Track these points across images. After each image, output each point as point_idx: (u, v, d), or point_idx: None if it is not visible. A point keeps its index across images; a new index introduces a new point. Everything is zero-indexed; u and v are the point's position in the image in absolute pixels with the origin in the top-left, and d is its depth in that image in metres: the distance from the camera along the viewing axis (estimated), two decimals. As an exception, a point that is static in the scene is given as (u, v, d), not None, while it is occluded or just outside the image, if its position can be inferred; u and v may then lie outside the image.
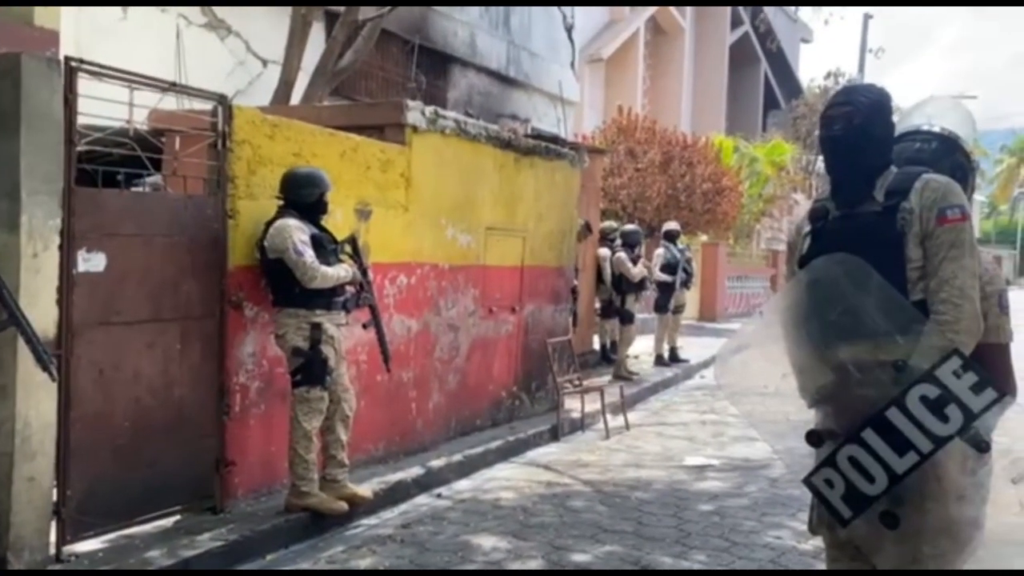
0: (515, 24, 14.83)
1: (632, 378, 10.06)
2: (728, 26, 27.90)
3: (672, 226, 11.94)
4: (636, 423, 8.29)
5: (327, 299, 4.80)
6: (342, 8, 8.74)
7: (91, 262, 4.10)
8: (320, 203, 4.89)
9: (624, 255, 10.38)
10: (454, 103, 13.05)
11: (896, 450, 2.27)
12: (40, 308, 3.80)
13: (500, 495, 5.80)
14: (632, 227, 11.26)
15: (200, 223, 4.67)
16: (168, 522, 4.53)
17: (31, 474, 3.81)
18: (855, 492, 2.34)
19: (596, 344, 11.36)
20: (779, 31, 27.53)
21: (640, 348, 10.81)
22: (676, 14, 25.54)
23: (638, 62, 24.22)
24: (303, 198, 4.83)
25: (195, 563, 4.17)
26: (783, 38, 28.68)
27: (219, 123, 4.71)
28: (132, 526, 4.35)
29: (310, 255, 4.66)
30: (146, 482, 4.38)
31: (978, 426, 2.23)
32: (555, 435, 7.58)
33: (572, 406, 8.04)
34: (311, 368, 4.75)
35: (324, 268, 4.71)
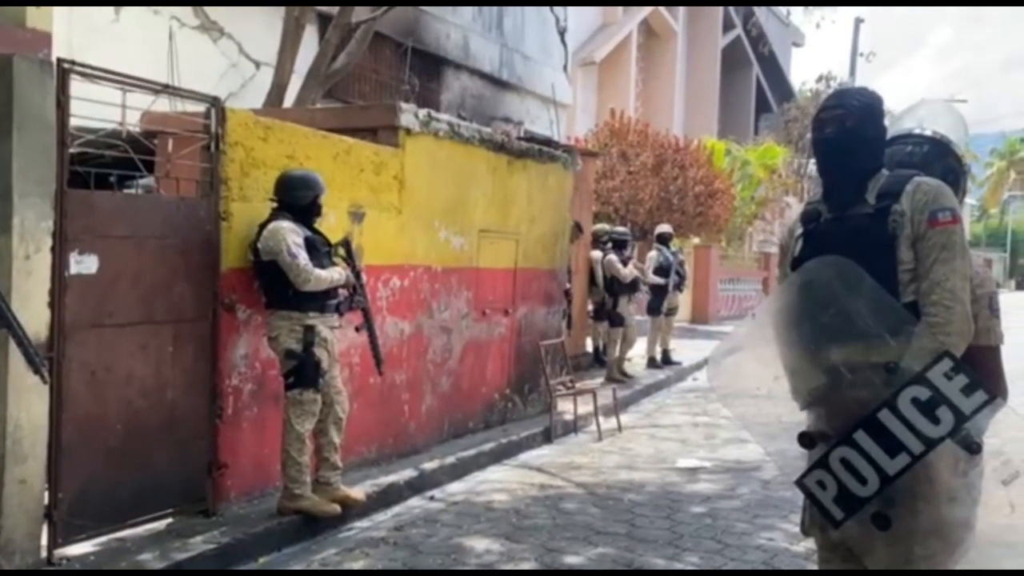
0: (508, 27, 14.85)
1: (625, 380, 10.10)
2: (720, 30, 27.98)
3: (665, 229, 11.97)
4: (629, 425, 8.31)
5: (320, 302, 4.80)
6: (335, 10, 8.74)
7: (83, 264, 4.08)
8: (314, 206, 4.89)
9: (614, 257, 10.40)
10: (447, 106, 13.05)
11: (888, 452, 2.28)
12: (32, 310, 3.79)
13: (493, 497, 5.80)
14: (622, 229, 11.29)
15: (193, 225, 4.66)
16: (160, 525, 4.52)
17: (22, 476, 3.80)
18: (847, 494, 2.36)
19: (589, 346, 11.39)
20: (771, 35, 27.60)
21: (633, 350, 10.84)
22: (669, 17, 25.60)
23: (631, 65, 24.26)
24: (297, 200, 4.83)
25: (187, 566, 4.16)
26: (775, 42, 28.75)
27: (212, 125, 4.71)
28: (124, 529, 4.34)
29: (304, 258, 4.65)
30: (138, 485, 4.37)
31: (969, 428, 2.25)
32: (548, 437, 7.59)
33: (565, 408, 8.05)
34: (304, 370, 4.74)
35: (317, 271, 4.70)
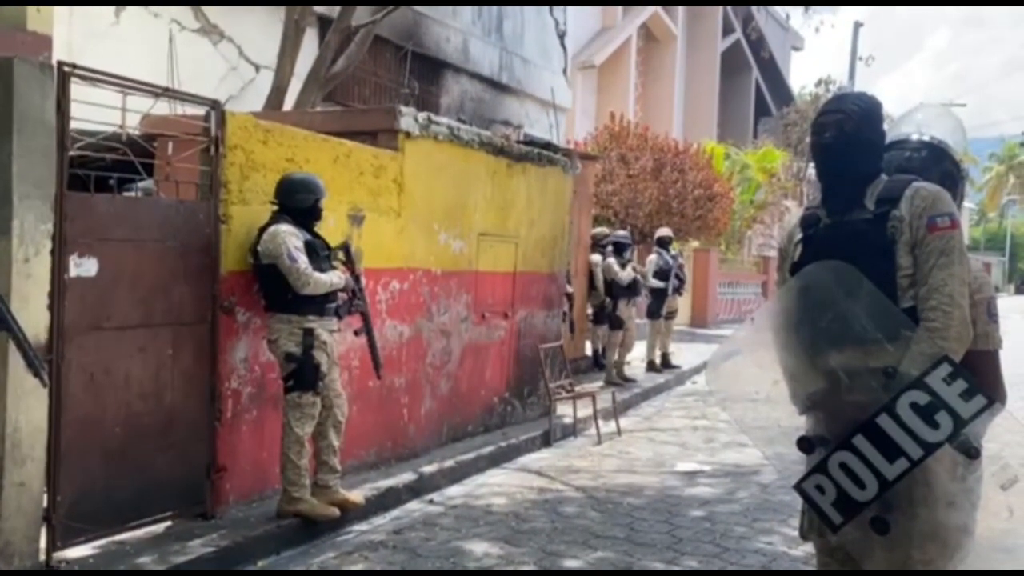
0: (508, 30, 14.85)
1: (625, 384, 10.10)
2: (720, 33, 28.00)
3: (665, 232, 11.97)
4: (628, 429, 8.31)
5: (320, 305, 4.80)
6: (335, 13, 8.75)
7: (83, 267, 4.09)
8: (315, 209, 4.89)
9: (613, 260, 10.41)
10: (447, 109, 13.05)
11: (886, 456, 2.28)
12: (31, 313, 3.79)
13: (492, 501, 5.80)
14: (623, 233, 11.30)
15: (192, 228, 4.67)
16: (159, 528, 4.52)
17: (21, 479, 3.80)
18: (846, 498, 2.36)
19: (588, 350, 11.39)
20: (770, 39, 27.68)
21: (633, 354, 10.85)
22: (668, 21, 25.62)
23: (630, 69, 24.27)
24: (298, 204, 4.83)
25: (186, 568, 4.15)
26: (774, 45, 28.83)
27: (212, 128, 4.72)
28: (123, 532, 4.34)
29: (303, 261, 4.66)
30: (137, 488, 4.37)
31: (968, 432, 2.25)
32: (547, 441, 7.59)
33: (564, 412, 8.05)
34: (303, 373, 4.75)
35: (317, 274, 4.71)
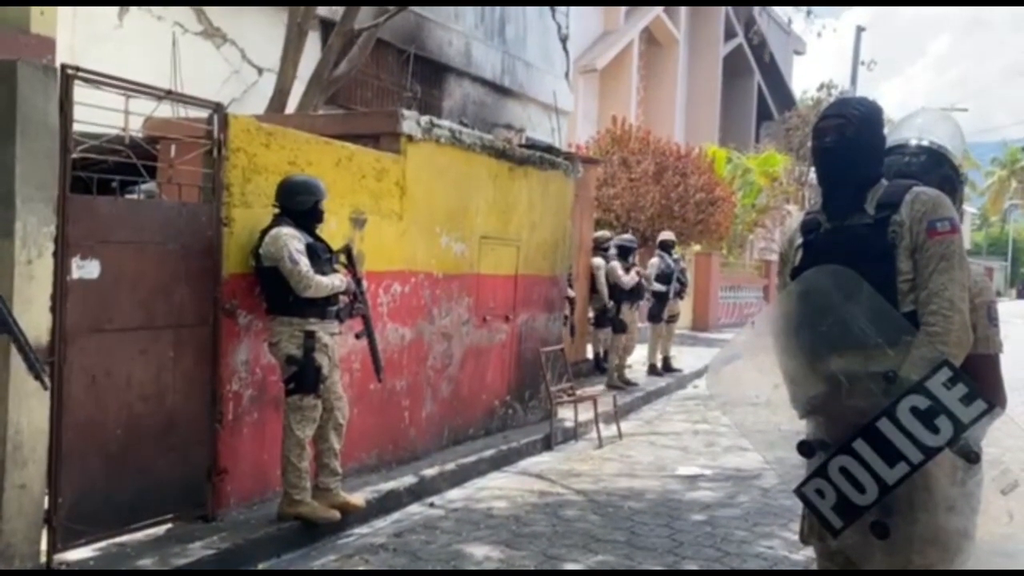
0: (510, 34, 14.87)
1: (626, 387, 10.09)
2: (722, 37, 28.01)
3: (667, 236, 11.97)
4: (629, 432, 8.30)
5: (321, 308, 4.80)
6: (338, 16, 8.76)
7: (85, 269, 4.10)
8: (315, 211, 4.90)
9: (617, 264, 10.42)
10: (449, 112, 13.06)
11: (887, 461, 2.29)
12: (34, 315, 3.80)
13: (493, 504, 5.80)
14: (628, 237, 11.30)
15: (194, 231, 4.67)
16: (160, 530, 4.52)
17: (22, 481, 3.80)
18: (846, 502, 2.36)
19: (589, 353, 11.39)
20: (772, 43, 27.66)
21: (634, 357, 10.85)
22: (670, 25, 25.64)
23: (632, 73, 24.28)
24: (297, 205, 4.84)
25: (187, 571, 4.15)
26: (776, 50, 28.81)
27: (214, 131, 4.73)
28: (123, 534, 4.34)
29: (305, 264, 4.66)
30: (138, 490, 4.38)
31: (968, 437, 2.25)
32: (548, 444, 7.58)
33: (565, 415, 8.05)
34: (304, 376, 4.75)
35: (318, 277, 4.71)
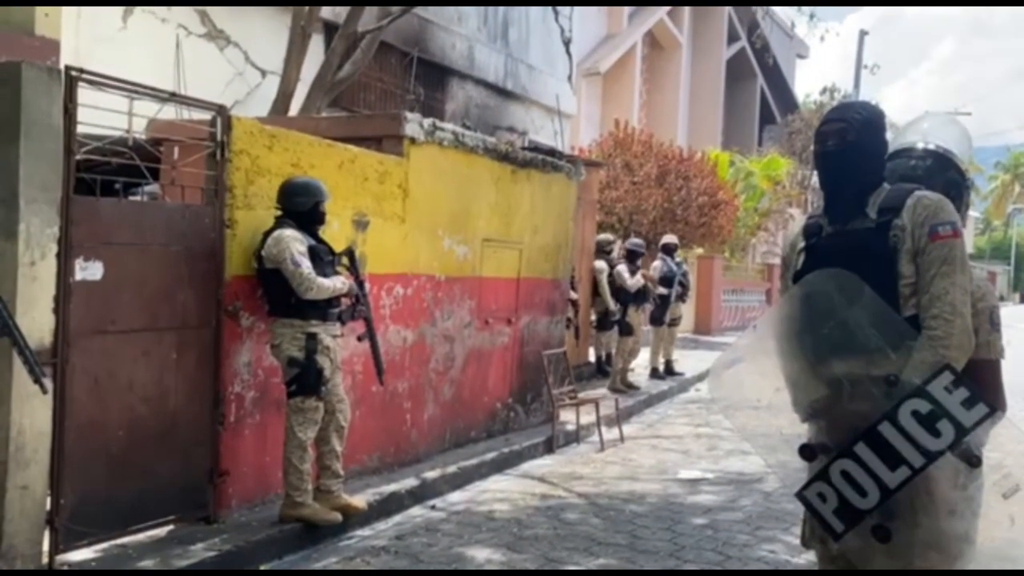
0: (513, 37, 14.89)
1: (628, 391, 10.09)
2: (725, 41, 28.03)
3: (670, 239, 11.97)
4: (631, 436, 8.30)
5: (323, 310, 4.81)
6: (341, 18, 8.78)
7: (88, 271, 4.10)
8: (315, 212, 4.90)
9: (624, 267, 10.43)
10: (452, 115, 13.08)
11: (888, 464, 2.29)
12: (37, 316, 3.81)
13: (494, 507, 5.80)
14: (638, 241, 11.30)
15: (197, 232, 4.68)
16: (162, 532, 4.52)
17: (24, 482, 3.81)
18: (847, 506, 2.36)
19: (592, 356, 11.39)
20: (775, 46, 27.63)
21: (636, 361, 10.85)
22: (673, 28, 25.66)
23: (635, 76, 24.30)
24: (297, 207, 4.84)
25: (188, 571, 4.15)
26: (779, 53, 28.79)
27: (218, 133, 4.74)
28: (125, 535, 4.35)
29: (307, 266, 4.67)
30: (140, 491, 4.38)
31: (969, 441, 2.25)
32: (550, 447, 7.58)
33: (567, 418, 8.05)
34: (306, 378, 4.75)
35: (320, 280, 4.72)
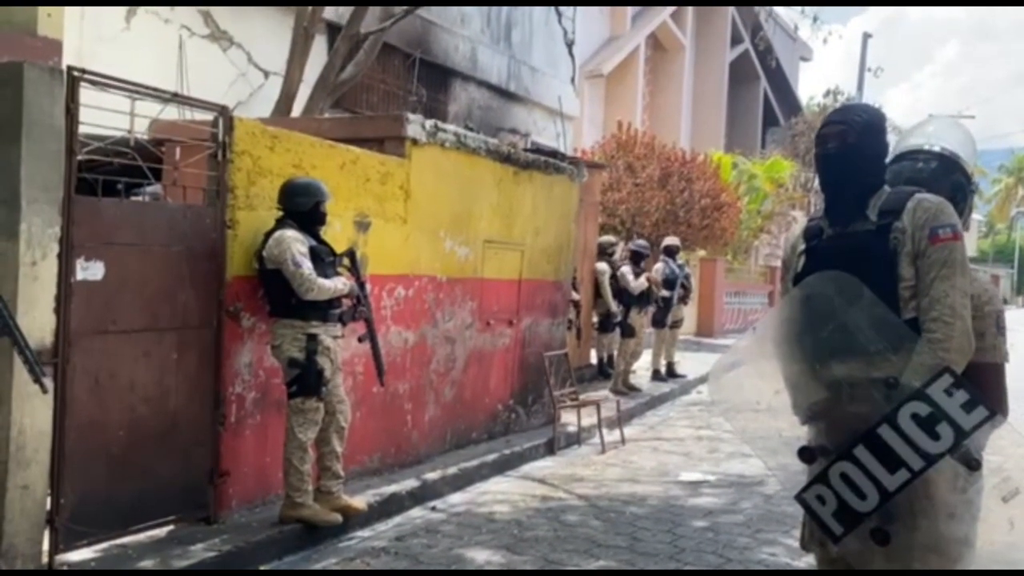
0: (516, 39, 14.89)
1: (630, 393, 10.08)
2: (728, 43, 28.02)
3: (672, 241, 11.96)
4: (632, 438, 8.29)
5: (323, 311, 4.81)
6: (344, 19, 8.79)
7: (89, 271, 4.11)
8: (316, 213, 4.90)
9: (627, 268, 10.43)
10: (454, 116, 13.08)
11: (887, 467, 2.28)
12: (38, 316, 3.81)
13: (495, 508, 5.79)
14: (643, 243, 11.28)
15: (199, 233, 4.69)
16: (162, 532, 4.52)
17: (25, 482, 3.81)
18: (847, 509, 2.35)
19: (593, 358, 11.38)
20: (779, 49, 27.63)
21: (638, 363, 10.84)
22: (676, 30, 25.66)
23: (638, 78, 24.31)
24: (298, 207, 4.85)
25: (188, 571, 4.16)
26: (782, 56, 28.80)
27: (220, 134, 4.74)
28: (125, 535, 4.35)
29: (308, 267, 4.67)
30: (140, 491, 4.38)
31: (969, 444, 2.24)
32: (551, 449, 7.58)
33: (568, 420, 8.04)
34: (307, 379, 4.75)
35: (321, 280, 4.72)
